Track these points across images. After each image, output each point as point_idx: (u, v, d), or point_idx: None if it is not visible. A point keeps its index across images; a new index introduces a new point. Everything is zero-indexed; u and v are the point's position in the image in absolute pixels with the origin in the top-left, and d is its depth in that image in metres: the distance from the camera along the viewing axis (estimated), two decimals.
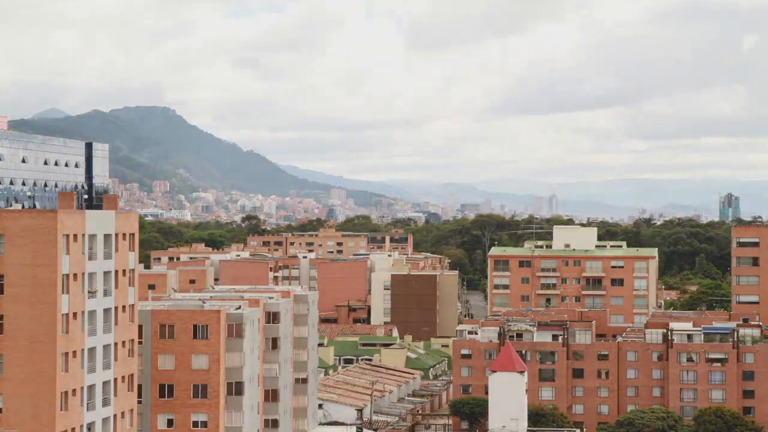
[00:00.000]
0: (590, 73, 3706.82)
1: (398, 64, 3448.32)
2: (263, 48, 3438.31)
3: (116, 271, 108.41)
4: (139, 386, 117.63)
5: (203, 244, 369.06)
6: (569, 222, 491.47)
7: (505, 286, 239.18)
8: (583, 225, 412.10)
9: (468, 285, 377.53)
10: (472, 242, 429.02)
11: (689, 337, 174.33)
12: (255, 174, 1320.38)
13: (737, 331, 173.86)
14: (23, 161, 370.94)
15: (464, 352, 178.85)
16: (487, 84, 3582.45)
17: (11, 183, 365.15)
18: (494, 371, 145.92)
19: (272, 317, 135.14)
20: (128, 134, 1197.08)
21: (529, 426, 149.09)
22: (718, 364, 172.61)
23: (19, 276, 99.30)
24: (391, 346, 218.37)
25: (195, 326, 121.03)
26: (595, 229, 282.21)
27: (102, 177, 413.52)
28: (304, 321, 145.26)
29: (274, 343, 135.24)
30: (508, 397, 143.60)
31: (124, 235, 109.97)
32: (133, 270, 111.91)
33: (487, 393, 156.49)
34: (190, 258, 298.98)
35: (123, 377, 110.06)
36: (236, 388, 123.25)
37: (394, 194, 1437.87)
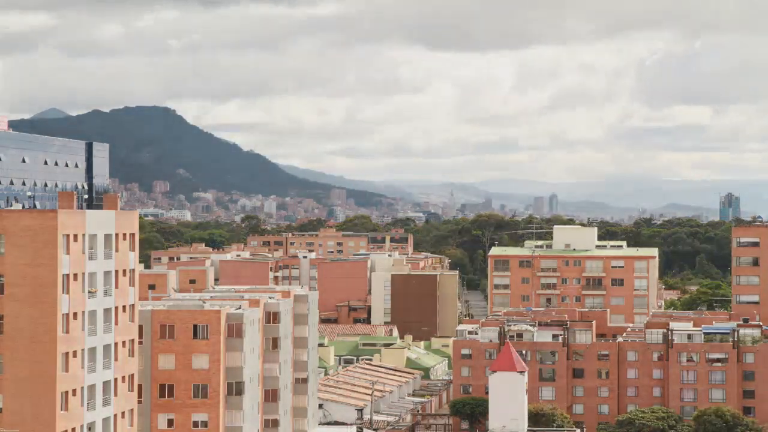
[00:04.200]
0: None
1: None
2: None
3: (116, 271, 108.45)
4: (140, 386, 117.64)
5: (203, 244, 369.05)
6: (569, 222, 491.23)
7: (505, 286, 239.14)
8: (583, 225, 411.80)
9: (468, 285, 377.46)
10: (472, 242, 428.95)
11: (689, 337, 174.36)
12: (255, 174, 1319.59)
13: (737, 331, 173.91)
14: (23, 161, 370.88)
15: (464, 352, 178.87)
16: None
17: (11, 183, 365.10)
18: (494, 371, 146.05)
19: (272, 317, 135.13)
20: (128, 134, 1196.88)
21: (529, 426, 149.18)
22: (719, 364, 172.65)
23: (19, 276, 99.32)
24: (391, 346, 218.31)
25: (195, 326, 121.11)
26: (595, 229, 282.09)
27: (102, 177, 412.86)
28: (304, 321, 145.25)
29: (274, 343, 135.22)
30: (508, 397, 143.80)
31: (124, 235, 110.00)
32: (134, 270, 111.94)
33: (487, 393, 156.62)
34: (190, 258, 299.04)
35: (123, 377, 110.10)
36: (236, 388, 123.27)
37: (394, 194, 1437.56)
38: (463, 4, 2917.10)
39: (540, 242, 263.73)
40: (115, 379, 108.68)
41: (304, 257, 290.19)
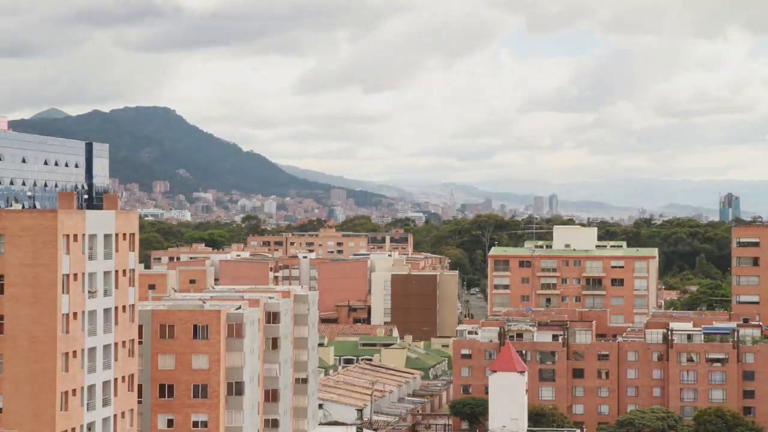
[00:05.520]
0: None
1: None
2: None
3: (116, 271, 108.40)
4: (139, 386, 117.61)
5: (203, 244, 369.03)
6: (569, 222, 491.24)
7: (505, 286, 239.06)
8: (583, 225, 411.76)
9: (468, 285, 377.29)
10: (472, 242, 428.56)
11: (689, 337, 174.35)
12: (255, 174, 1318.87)
13: (737, 331, 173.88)
14: (23, 161, 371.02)
15: (464, 352, 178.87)
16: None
17: (11, 183, 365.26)
18: (494, 371, 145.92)
19: (272, 317, 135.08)
20: (128, 134, 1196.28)
21: (529, 426, 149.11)
22: (718, 364, 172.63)
23: (19, 276, 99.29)
24: (391, 346, 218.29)
25: (195, 326, 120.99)
26: (595, 229, 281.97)
27: (102, 177, 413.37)
28: (304, 321, 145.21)
29: (274, 343, 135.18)
30: (508, 397, 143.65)
31: (124, 235, 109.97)
32: (133, 270, 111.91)
33: (487, 393, 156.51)
34: (190, 258, 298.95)
35: (123, 377, 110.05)
36: (236, 388, 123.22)
37: (394, 194, 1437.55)
38: None
39: (540, 242, 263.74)
40: (115, 379, 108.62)
41: (304, 257, 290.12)
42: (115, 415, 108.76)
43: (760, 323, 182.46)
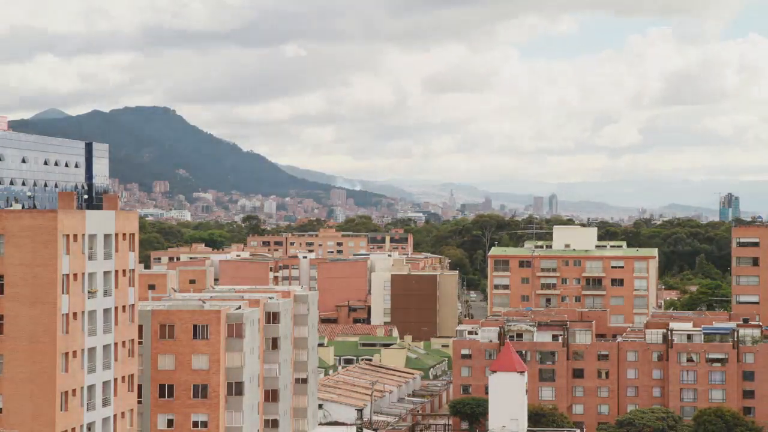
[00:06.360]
0: None
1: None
2: None
3: (116, 271, 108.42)
4: (139, 386, 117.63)
5: (203, 245, 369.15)
6: (569, 222, 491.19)
7: (505, 286, 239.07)
8: (583, 225, 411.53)
9: (468, 285, 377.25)
10: (472, 242, 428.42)
11: (689, 337, 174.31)
12: (255, 174, 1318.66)
13: (737, 331, 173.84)
14: (23, 161, 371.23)
15: (464, 352, 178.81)
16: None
17: (11, 183, 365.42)
18: (494, 371, 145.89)
19: (272, 317, 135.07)
20: (128, 134, 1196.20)
21: (529, 426, 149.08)
22: (718, 364, 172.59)
23: (19, 276, 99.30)
24: (391, 346, 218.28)
25: (195, 326, 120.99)
26: (595, 229, 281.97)
27: (102, 177, 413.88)
28: (304, 321, 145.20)
29: (274, 343, 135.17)
30: (508, 397, 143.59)
31: (124, 235, 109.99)
32: (133, 270, 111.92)
33: (487, 393, 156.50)
34: (190, 258, 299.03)
35: (123, 377, 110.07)
36: (236, 388, 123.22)
37: (394, 194, 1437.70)
38: None
39: (540, 242, 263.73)
40: (115, 380, 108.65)
41: (304, 257, 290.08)
42: (115, 415, 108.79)
43: (760, 323, 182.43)
